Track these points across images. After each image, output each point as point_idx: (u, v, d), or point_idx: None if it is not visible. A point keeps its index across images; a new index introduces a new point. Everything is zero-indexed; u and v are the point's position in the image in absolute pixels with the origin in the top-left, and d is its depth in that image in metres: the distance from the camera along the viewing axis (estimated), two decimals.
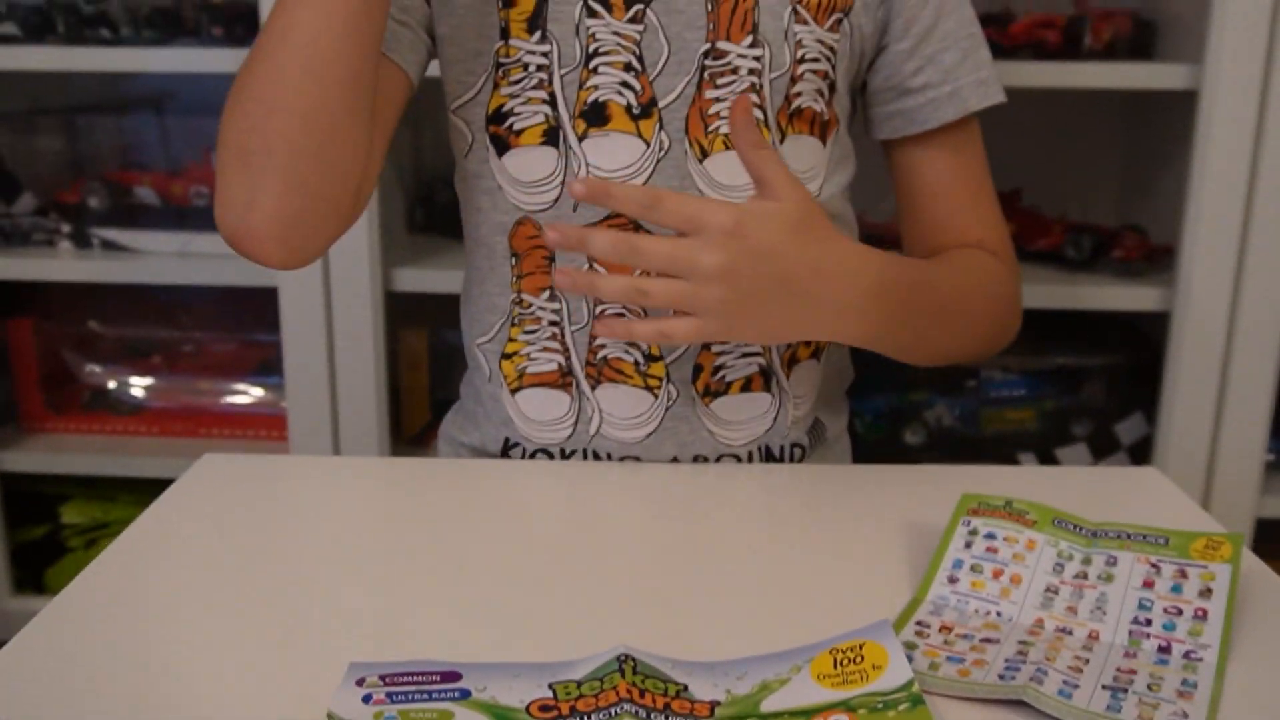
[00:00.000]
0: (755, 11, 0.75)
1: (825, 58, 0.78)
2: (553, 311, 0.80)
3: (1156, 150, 1.43)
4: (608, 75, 0.75)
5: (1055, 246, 1.37)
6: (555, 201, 0.77)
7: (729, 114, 0.74)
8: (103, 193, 1.42)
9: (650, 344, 0.77)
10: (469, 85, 0.78)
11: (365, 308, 1.30)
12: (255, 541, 0.67)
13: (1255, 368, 1.28)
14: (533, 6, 0.76)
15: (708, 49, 0.75)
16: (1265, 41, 1.19)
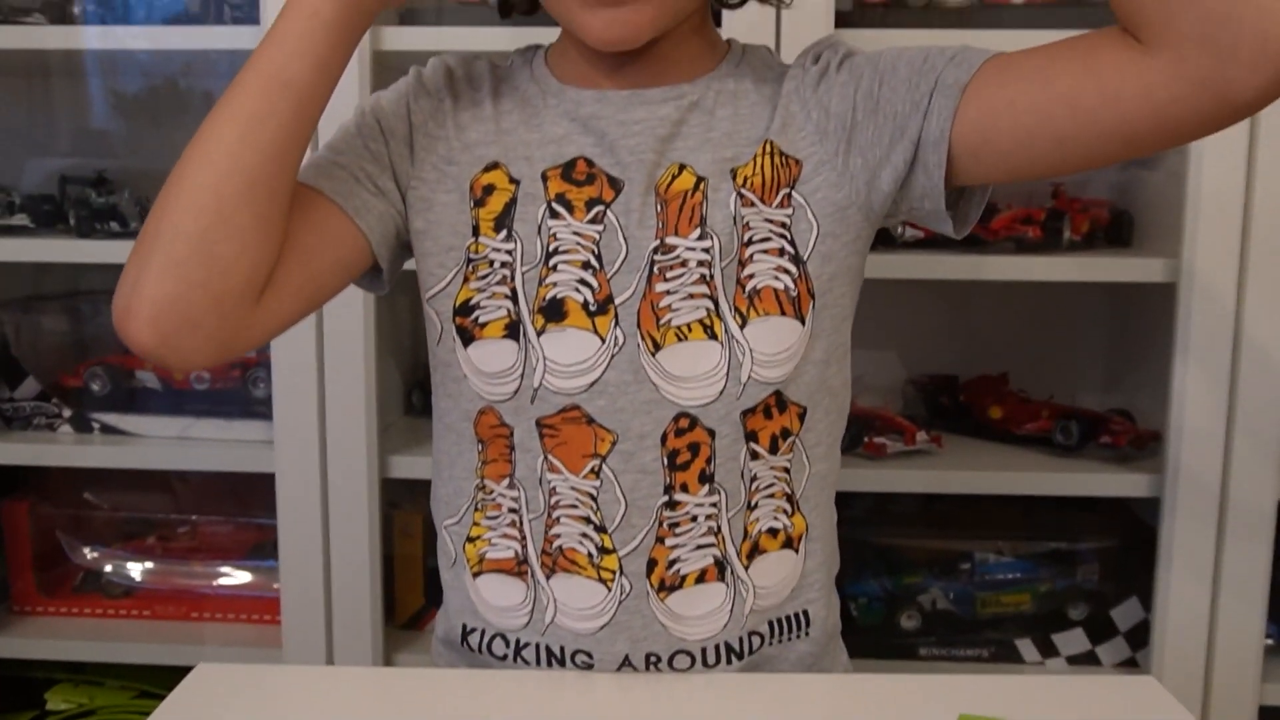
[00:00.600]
0: (704, 206, 0.78)
1: (778, 235, 0.78)
2: (512, 499, 0.81)
3: (1140, 335, 1.47)
4: (566, 273, 0.78)
5: (1044, 431, 1.38)
6: (515, 393, 0.79)
7: None
8: (104, 377, 1.44)
9: None
10: (440, 278, 0.81)
11: (361, 494, 1.30)
12: None
13: (1249, 553, 1.28)
14: (501, 207, 0.80)
15: (657, 245, 0.78)
16: (1239, 234, 1.23)
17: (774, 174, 0.79)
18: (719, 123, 0.80)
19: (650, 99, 0.80)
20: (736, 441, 0.79)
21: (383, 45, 1.25)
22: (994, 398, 1.44)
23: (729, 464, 0.79)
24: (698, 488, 0.78)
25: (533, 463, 0.79)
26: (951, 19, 1.29)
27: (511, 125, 0.82)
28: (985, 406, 1.44)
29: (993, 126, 0.73)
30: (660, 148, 0.79)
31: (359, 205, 0.80)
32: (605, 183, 0.79)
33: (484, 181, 0.81)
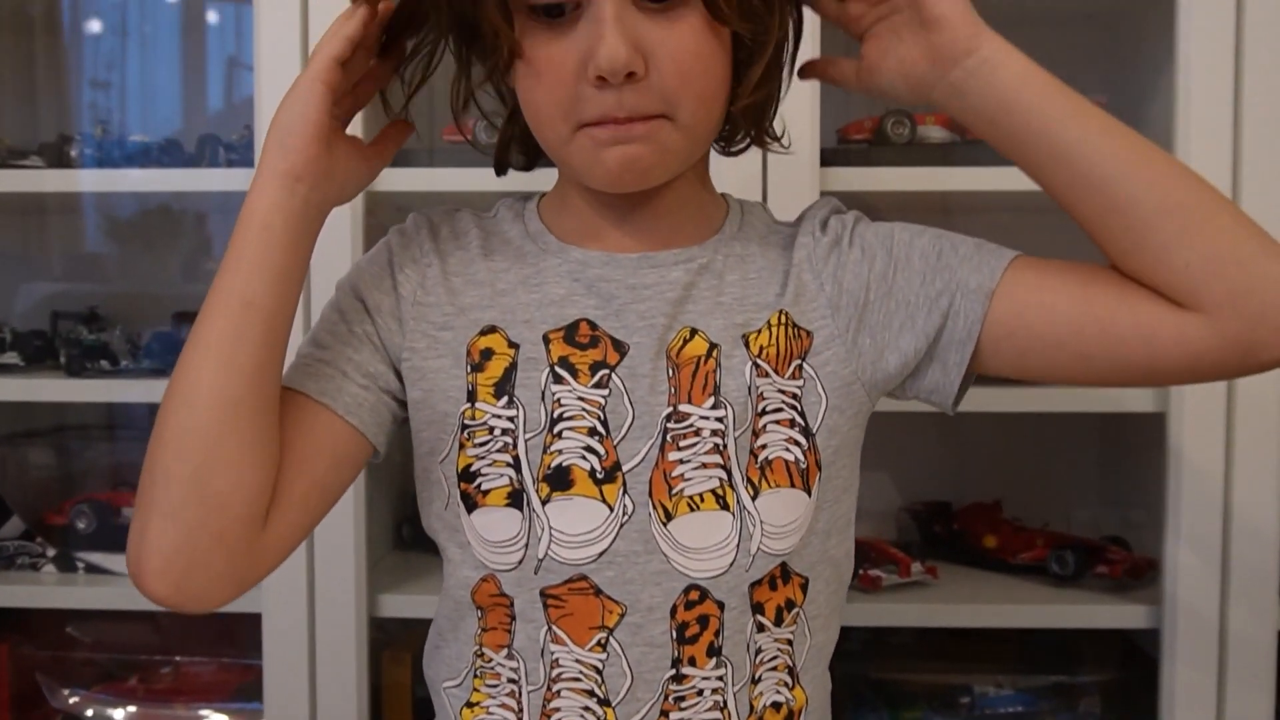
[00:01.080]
0: (717, 373, 0.77)
1: (790, 406, 0.78)
2: (511, 670, 0.79)
3: (1132, 461, 1.46)
4: (572, 440, 0.76)
5: (1039, 560, 1.37)
6: (519, 563, 0.77)
7: None
8: (90, 514, 1.42)
9: None
10: (445, 443, 0.79)
11: (350, 634, 1.28)
12: None
13: (1252, 683, 1.26)
14: (500, 372, 0.78)
15: (670, 412, 0.77)
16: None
17: (787, 345, 0.79)
18: (729, 287, 0.80)
19: (660, 262, 0.79)
20: (744, 613, 0.77)
21: (375, 187, 1.26)
22: (988, 526, 1.43)
23: (736, 636, 0.77)
24: (706, 661, 0.76)
25: (534, 633, 0.77)
26: (933, 156, 1.31)
27: (509, 286, 0.80)
28: (980, 535, 1.43)
29: (1021, 327, 0.76)
30: (671, 311, 0.78)
31: (349, 403, 0.78)
32: (609, 346, 0.78)
33: (481, 346, 0.79)
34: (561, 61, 0.73)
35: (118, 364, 1.36)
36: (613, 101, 0.72)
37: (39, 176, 1.34)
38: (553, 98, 0.74)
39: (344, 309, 0.81)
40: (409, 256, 0.82)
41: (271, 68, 1.24)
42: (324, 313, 0.82)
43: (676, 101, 0.73)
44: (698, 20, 0.73)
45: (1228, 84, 1.22)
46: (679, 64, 0.72)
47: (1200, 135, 1.22)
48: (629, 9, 0.71)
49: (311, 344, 0.80)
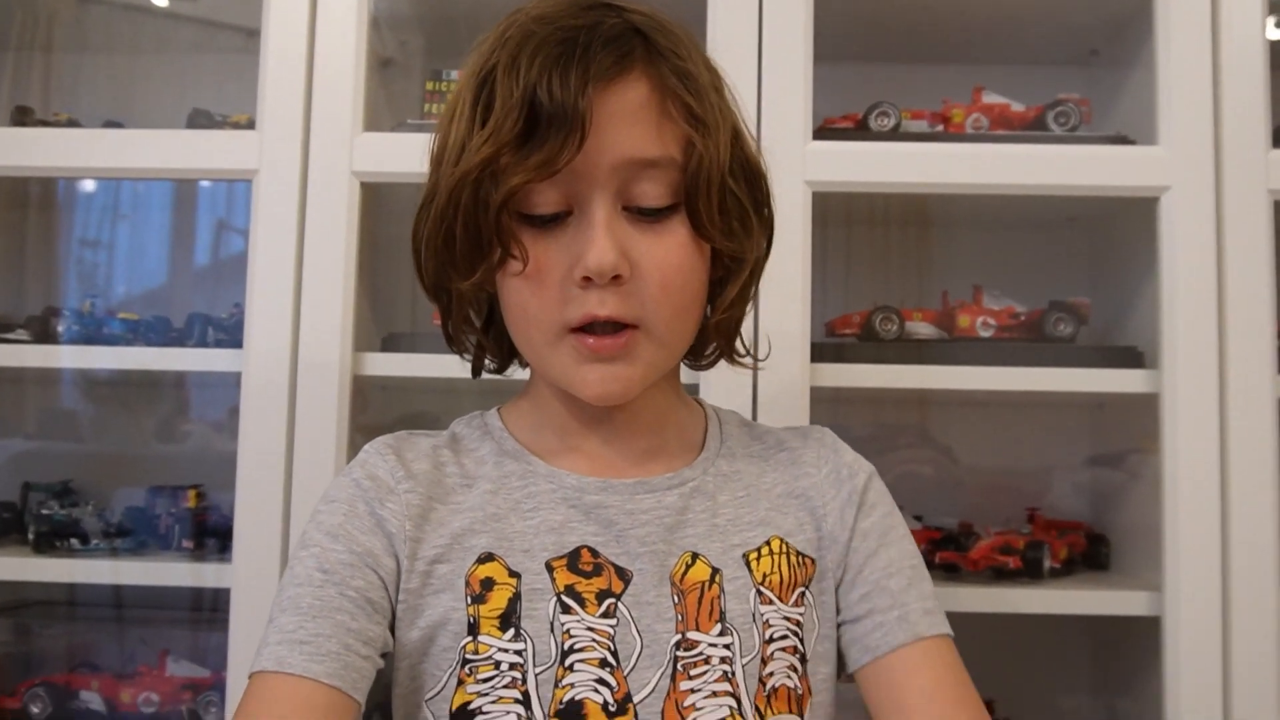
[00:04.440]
0: (722, 599, 0.77)
1: (793, 633, 0.78)
2: None
3: (1127, 662, 1.43)
4: (584, 672, 0.74)
5: None
6: None
7: None
8: (45, 698, 1.36)
9: None
10: (438, 679, 0.76)
11: None
12: None
13: None
14: (505, 603, 0.75)
15: (678, 640, 0.75)
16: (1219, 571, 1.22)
17: (791, 573, 0.79)
18: (722, 508, 0.80)
19: (655, 487, 0.79)
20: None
21: (364, 370, 1.26)
22: None
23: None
24: None
25: None
26: (919, 353, 1.32)
27: (500, 511, 0.78)
28: None
29: (873, 691, 0.80)
30: (669, 537, 0.78)
31: (356, 678, 0.72)
32: (613, 574, 0.76)
33: (481, 575, 0.76)
34: (552, 264, 0.74)
35: (88, 543, 1.32)
36: (595, 301, 0.73)
37: (21, 351, 1.33)
38: (540, 299, 0.74)
39: (329, 571, 0.74)
40: (385, 490, 0.78)
41: (267, 234, 1.25)
42: (300, 571, 0.75)
43: (654, 311, 0.74)
44: (683, 234, 0.75)
45: (1210, 287, 1.24)
46: (662, 273, 0.74)
47: (1187, 338, 1.24)
48: (619, 218, 0.73)
49: (298, 618, 0.72)
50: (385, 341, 1.35)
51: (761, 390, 1.23)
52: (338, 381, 1.23)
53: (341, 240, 1.25)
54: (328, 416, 1.22)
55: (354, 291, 1.25)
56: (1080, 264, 1.55)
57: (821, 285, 1.55)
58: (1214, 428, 1.22)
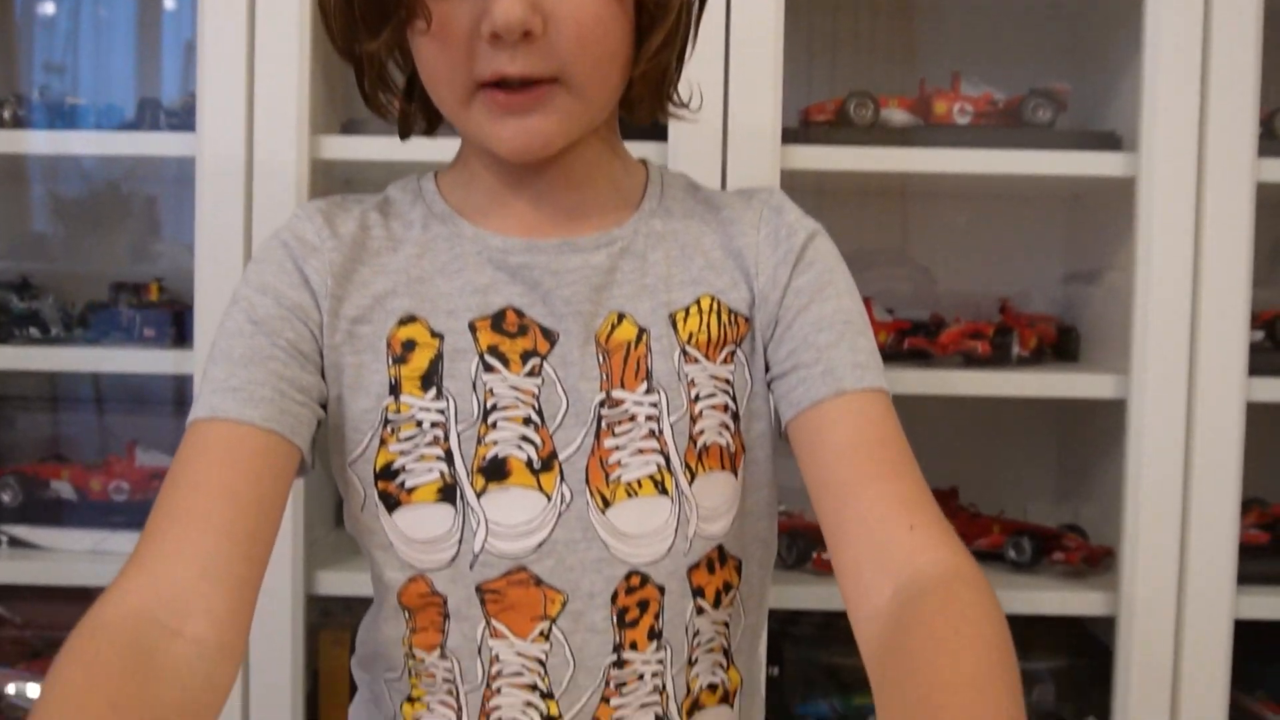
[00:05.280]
0: (649, 358, 0.76)
1: (722, 391, 0.77)
2: (445, 670, 0.76)
3: (1090, 449, 1.45)
4: (507, 430, 0.73)
5: (995, 547, 1.35)
6: (452, 560, 0.74)
7: None
8: (16, 487, 1.37)
9: None
10: (357, 442, 0.75)
11: (285, 611, 1.23)
12: None
13: (1207, 671, 1.25)
14: (426, 363, 0.74)
15: (603, 398, 0.74)
16: (1186, 353, 1.22)
17: (721, 332, 0.77)
18: (652, 267, 0.78)
19: (581, 246, 0.77)
20: (684, 597, 0.76)
21: (321, 154, 1.23)
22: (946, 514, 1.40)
23: (676, 620, 0.76)
24: (646, 644, 0.75)
25: (470, 631, 0.74)
26: (895, 138, 1.29)
27: (424, 273, 0.77)
28: None
29: (798, 457, 0.76)
30: (595, 297, 0.76)
31: (294, 423, 0.71)
32: (539, 334, 0.75)
33: (402, 337, 0.75)
34: (459, 21, 0.69)
35: (48, 332, 1.30)
36: (505, 58, 0.69)
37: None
38: (449, 58, 0.70)
39: (260, 321, 0.73)
40: (309, 248, 0.76)
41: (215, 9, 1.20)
42: (230, 325, 0.74)
43: (571, 63, 0.70)
44: None
45: (1194, 70, 1.20)
46: (579, 24, 0.69)
47: (1165, 126, 1.21)
48: None
49: (228, 366, 0.71)
50: (345, 126, 1.31)
51: (731, 175, 1.20)
52: (295, 165, 1.20)
53: (294, 18, 1.20)
54: (285, 202, 1.19)
55: (309, 72, 1.21)
56: (1062, 53, 1.51)
57: (806, 75, 1.51)
58: (1190, 211, 1.21)
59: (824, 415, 0.74)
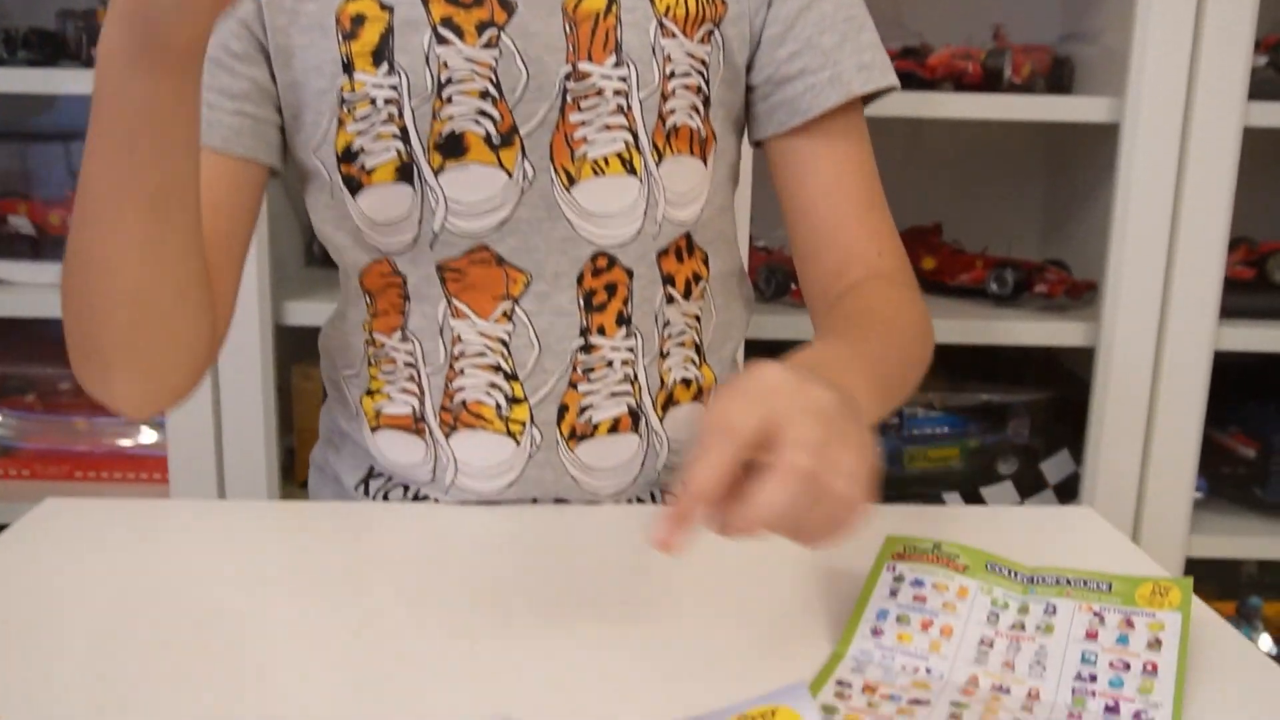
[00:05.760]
0: (618, 29, 0.70)
1: (697, 71, 0.73)
2: (406, 353, 0.74)
3: (1078, 185, 1.41)
4: (463, 104, 0.69)
5: (977, 282, 1.33)
6: (414, 240, 0.71)
7: None
8: None
9: None
10: (317, 125, 0.72)
11: (254, 343, 1.21)
12: (85, 592, 0.59)
13: (1182, 403, 1.25)
14: (377, 38, 0.69)
15: (569, 71, 0.70)
16: (1185, 74, 1.17)
17: (699, 8, 0.72)
18: None
19: None
20: (653, 283, 0.74)
21: None
22: (926, 249, 1.38)
23: (645, 306, 0.74)
24: (615, 330, 0.73)
25: (431, 311, 0.72)
26: None
27: None
28: (917, 257, 1.37)
29: (779, 166, 0.77)
30: None
31: (227, 135, 0.70)
32: (495, 3, 0.69)
33: (351, 12, 0.70)
34: None
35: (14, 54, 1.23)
36: None
37: None
38: None
39: None
40: None
41: None
42: None
43: None
44: None
45: None
46: None
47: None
48: None
49: None
50: None
51: None
52: None
53: None
54: None
55: None
56: None
57: None
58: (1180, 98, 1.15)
59: (813, 144, 0.75)
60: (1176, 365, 1.24)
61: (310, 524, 0.71)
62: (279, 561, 0.64)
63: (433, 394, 0.74)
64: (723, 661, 0.53)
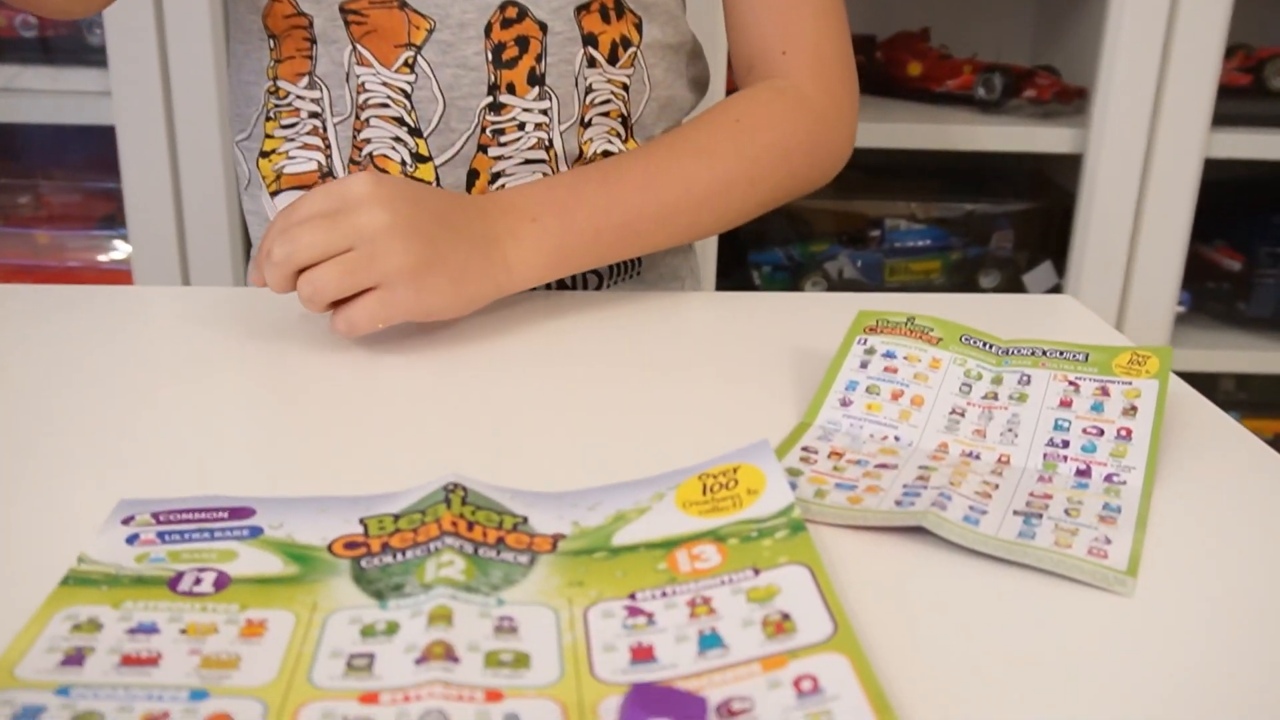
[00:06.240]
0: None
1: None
2: (313, 101, 0.70)
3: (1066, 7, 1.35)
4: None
5: (965, 88, 1.29)
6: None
7: None
8: None
9: None
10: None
11: (214, 144, 1.17)
12: (23, 374, 0.57)
13: (1169, 215, 1.23)
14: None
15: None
16: None
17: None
18: None
19: None
20: (572, 42, 0.69)
21: None
22: (912, 54, 1.33)
23: (562, 66, 0.69)
24: (526, 89, 0.69)
25: (338, 55, 0.68)
26: None
27: None
28: (903, 64, 1.33)
29: None
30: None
31: None
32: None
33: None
34: None
35: None
36: None
37: None
38: None
39: None
40: None
41: None
42: None
43: None
44: None
45: None
46: None
47: None
48: None
49: None
50: None
51: None
52: None
53: None
54: None
55: None
56: None
57: None
58: None
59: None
60: (1165, 173, 1.21)
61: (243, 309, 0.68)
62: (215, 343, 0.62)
63: (341, 146, 0.70)
64: (685, 430, 0.52)
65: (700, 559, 0.39)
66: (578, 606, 0.37)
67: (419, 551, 0.39)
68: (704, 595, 0.37)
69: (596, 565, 0.39)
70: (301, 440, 0.50)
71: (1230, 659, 0.36)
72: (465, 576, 0.38)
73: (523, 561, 0.39)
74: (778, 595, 0.37)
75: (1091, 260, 1.23)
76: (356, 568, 0.39)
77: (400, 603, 0.37)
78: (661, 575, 0.39)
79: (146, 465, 0.48)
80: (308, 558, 0.40)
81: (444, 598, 0.36)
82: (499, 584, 0.38)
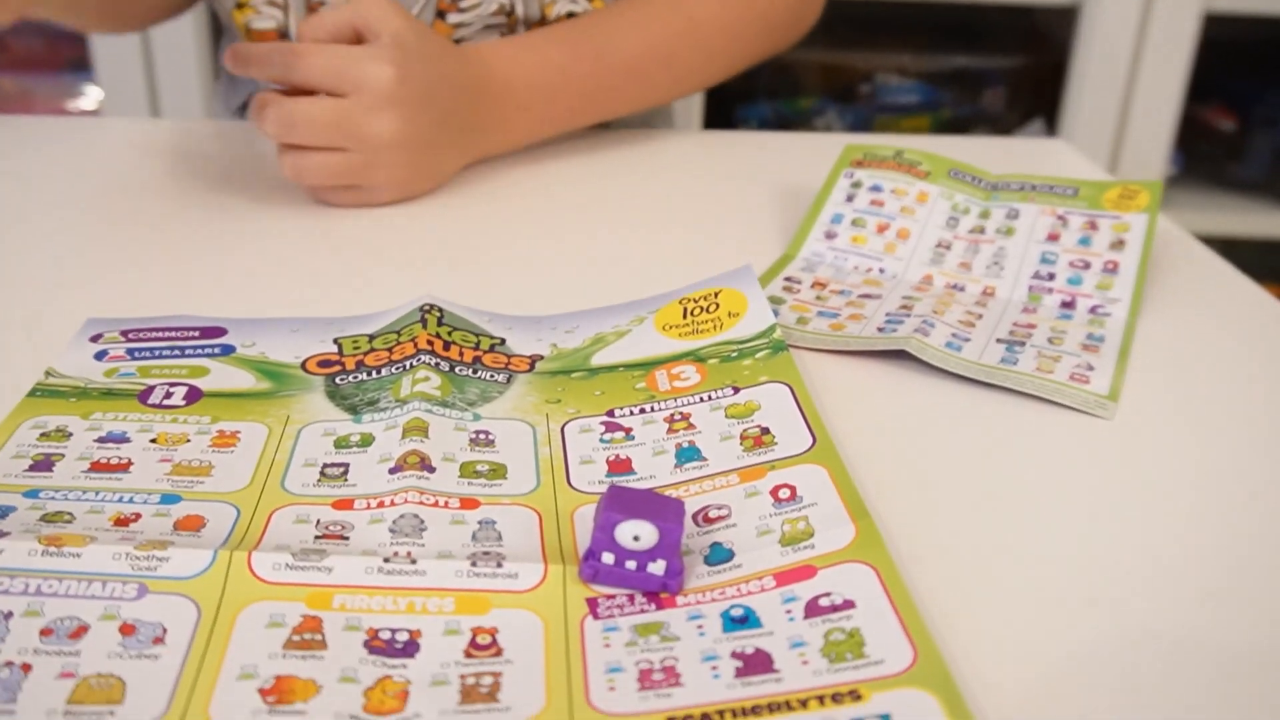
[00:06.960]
0: None
1: None
2: None
3: None
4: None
5: None
6: None
7: None
8: None
9: None
10: None
11: None
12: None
13: (1164, 72, 1.20)
14: None
15: None
16: None
17: None
18: None
19: None
20: None
21: None
22: None
23: None
24: None
25: None
26: None
27: None
28: None
29: None
30: None
31: None
32: None
33: None
34: None
35: None
36: None
37: None
38: None
39: None
40: None
41: None
42: None
43: None
44: None
45: None
46: None
47: None
48: None
49: None
50: None
51: None
52: None
53: None
54: None
55: None
56: None
57: None
58: None
59: None
60: (1163, 26, 1.18)
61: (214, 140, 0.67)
62: (186, 173, 0.61)
63: (296, 8, 0.67)
64: (667, 260, 0.51)
65: (680, 378, 0.39)
66: (555, 422, 0.37)
67: (394, 369, 0.39)
68: (683, 411, 0.37)
69: (574, 384, 0.39)
70: (275, 266, 0.49)
71: (1208, 480, 0.36)
72: (441, 393, 0.37)
73: (500, 380, 0.39)
74: (757, 411, 0.36)
75: (1084, 118, 1.21)
76: (330, 384, 0.38)
77: (375, 416, 0.36)
78: (640, 394, 0.38)
79: (115, 289, 0.46)
80: (280, 374, 0.39)
81: (419, 411, 0.36)
82: (475, 400, 0.37)
